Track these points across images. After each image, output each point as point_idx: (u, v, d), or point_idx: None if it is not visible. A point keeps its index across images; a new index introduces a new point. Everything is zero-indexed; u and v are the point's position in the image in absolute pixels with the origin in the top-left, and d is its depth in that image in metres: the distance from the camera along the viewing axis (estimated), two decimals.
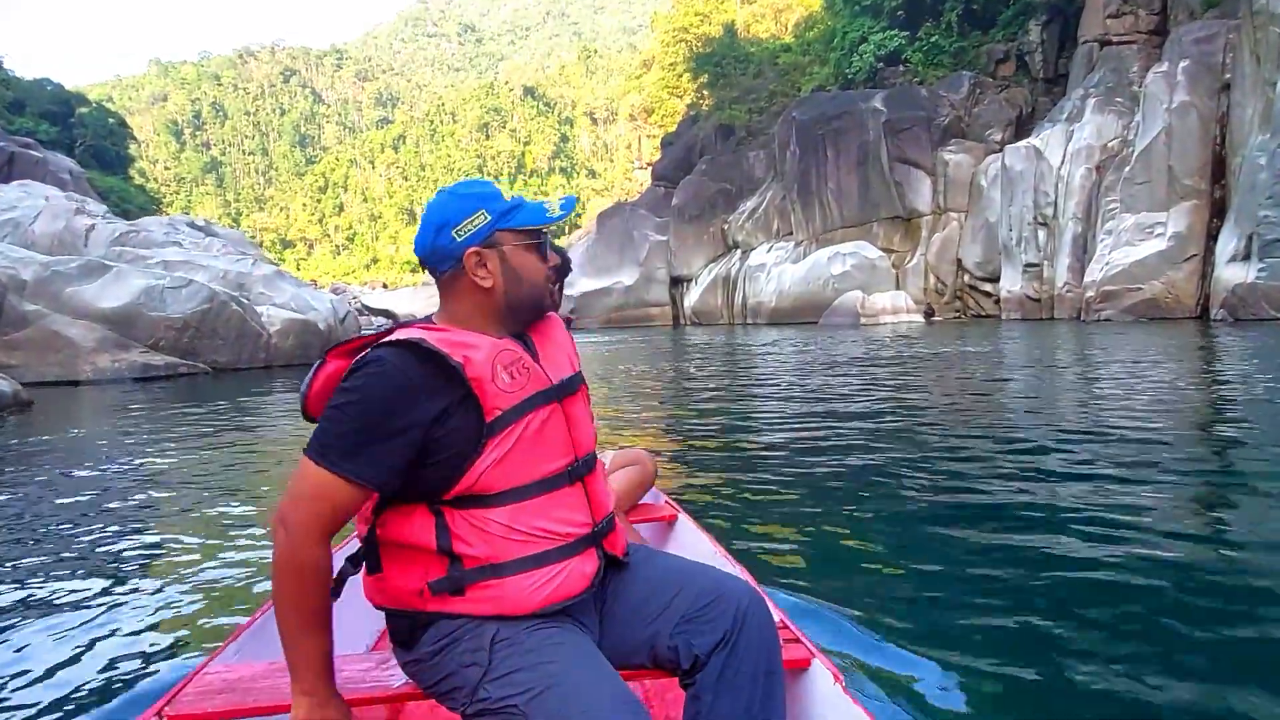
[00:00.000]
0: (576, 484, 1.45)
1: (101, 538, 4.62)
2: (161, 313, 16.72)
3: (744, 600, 1.46)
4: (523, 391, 1.39)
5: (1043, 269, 29.59)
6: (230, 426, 9.66)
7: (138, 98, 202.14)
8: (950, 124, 37.09)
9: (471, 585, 1.36)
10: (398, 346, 1.35)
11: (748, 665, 1.41)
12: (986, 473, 5.36)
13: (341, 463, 1.31)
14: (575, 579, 1.41)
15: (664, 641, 1.44)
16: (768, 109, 50.73)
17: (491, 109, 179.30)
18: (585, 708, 1.22)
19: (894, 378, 12.38)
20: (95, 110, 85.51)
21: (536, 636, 1.35)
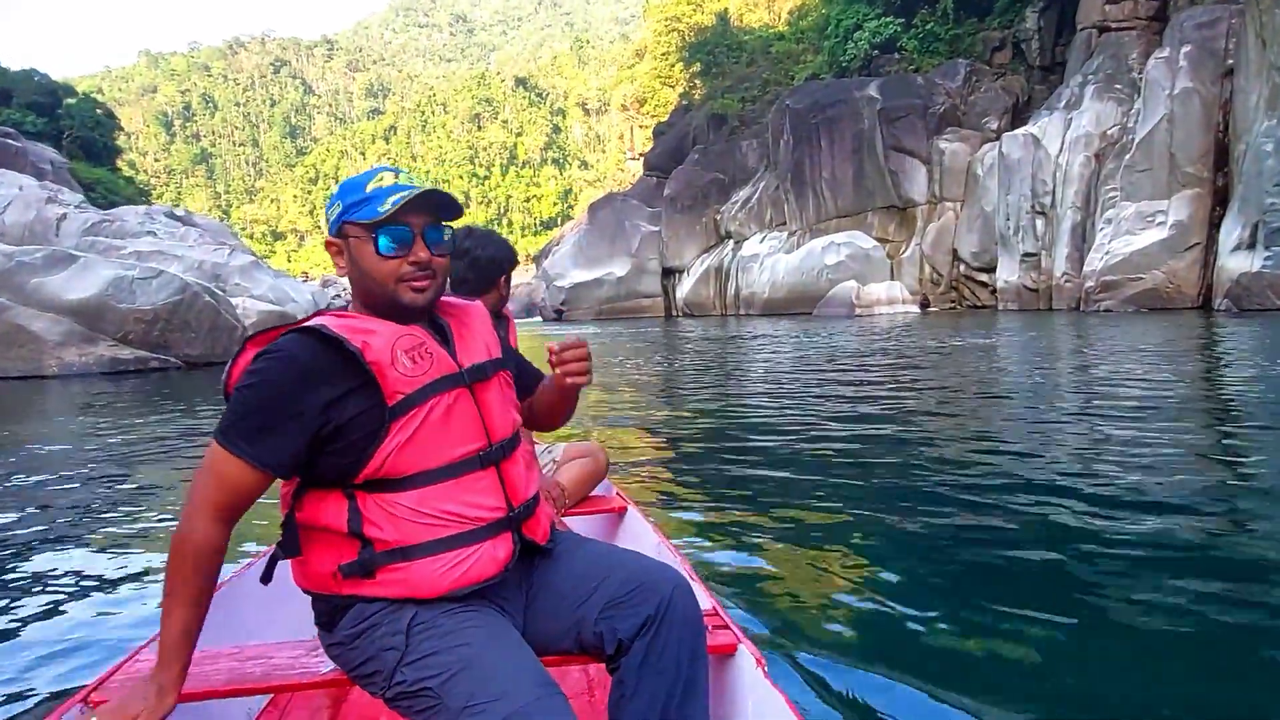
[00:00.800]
0: (490, 469, 1.45)
1: (46, 531, 4.52)
2: (131, 305, 16.04)
3: (668, 586, 1.47)
4: (425, 376, 1.40)
5: (1040, 259, 29.09)
6: (198, 423, 9.15)
7: (127, 89, 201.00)
8: (946, 112, 36.53)
9: (381, 568, 1.37)
10: (300, 333, 1.38)
11: (671, 650, 1.42)
12: (972, 465, 5.27)
13: (240, 444, 1.33)
14: (486, 563, 1.41)
15: (589, 627, 1.46)
16: (761, 98, 50.15)
17: (483, 99, 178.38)
18: (499, 688, 1.23)
19: (890, 369, 11.89)
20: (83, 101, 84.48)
21: (453, 619, 1.35)
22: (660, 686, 1.41)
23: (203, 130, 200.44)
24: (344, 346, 1.36)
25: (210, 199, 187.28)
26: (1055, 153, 28.87)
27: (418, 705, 1.31)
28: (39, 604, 3.34)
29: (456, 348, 1.49)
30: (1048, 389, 9.17)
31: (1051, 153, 28.95)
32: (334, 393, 1.36)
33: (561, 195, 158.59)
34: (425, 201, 1.43)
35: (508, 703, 1.22)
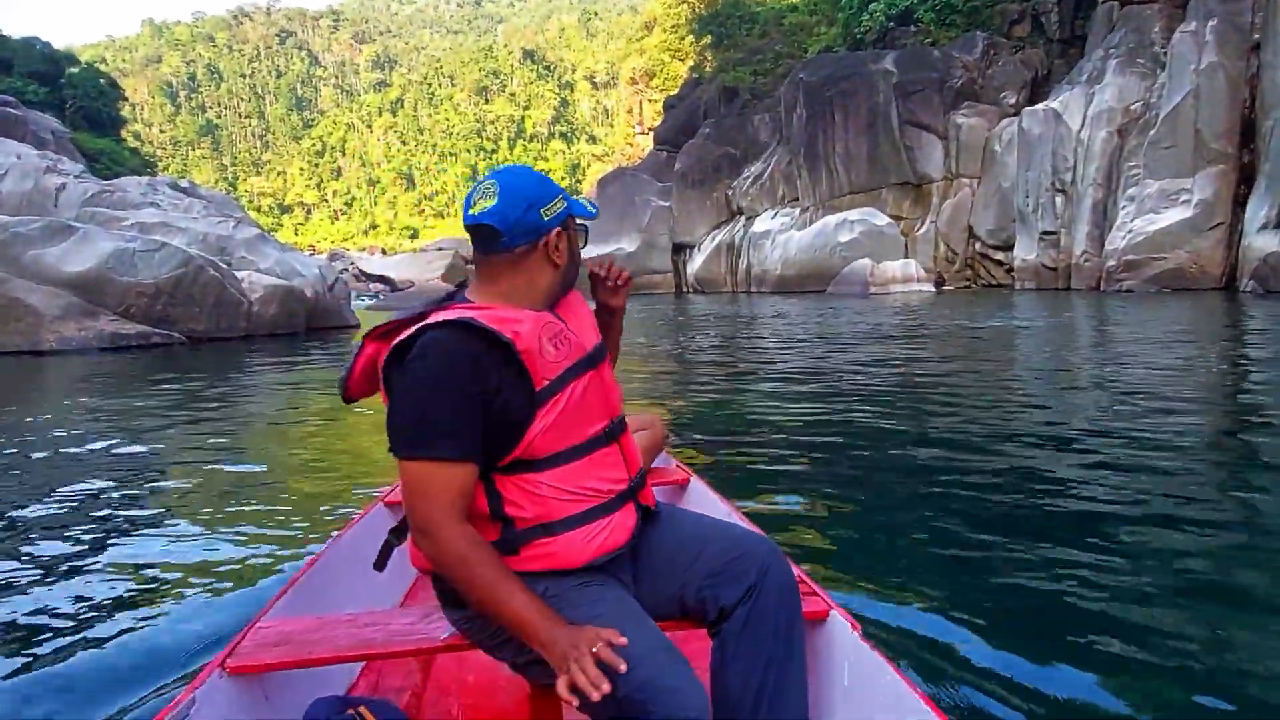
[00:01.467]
0: (613, 444, 1.53)
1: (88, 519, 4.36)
2: (132, 278, 15.56)
3: (765, 555, 1.53)
4: (566, 361, 1.46)
5: (1060, 237, 28.49)
6: (209, 400, 8.86)
7: (131, 59, 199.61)
8: (963, 86, 35.75)
9: (525, 545, 1.44)
10: (451, 327, 1.40)
11: (770, 616, 1.47)
12: (1002, 440, 5.41)
13: (443, 445, 1.36)
14: (619, 532, 1.50)
15: (692, 594, 1.52)
16: (773, 71, 49.27)
17: (490, 72, 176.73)
18: (631, 654, 1.28)
19: (911, 348, 11.53)
20: (85, 70, 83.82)
21: (584, 592, 1.42)
22: (761, 651, 1.47)
23: (208, 102, 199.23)
24: (497, 338, 1.40)
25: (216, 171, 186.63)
26: (1076, 128, 28.19)
27: (550, 671, 1.34)
28: (52, 591, 3.27)
29: (577, 331, 1.55)
30: (1087, 370, 8.78)
31: (1073, 128, 28.26)
32: (491, 383, 1.40)
33: (569, 170, 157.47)
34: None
35: (639, 670, 1.27)
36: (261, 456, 6.00)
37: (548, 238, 1.52)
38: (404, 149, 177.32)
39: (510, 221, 1.48)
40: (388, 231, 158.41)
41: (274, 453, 6.20)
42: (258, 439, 6.84)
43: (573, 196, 1.58)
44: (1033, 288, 28.96)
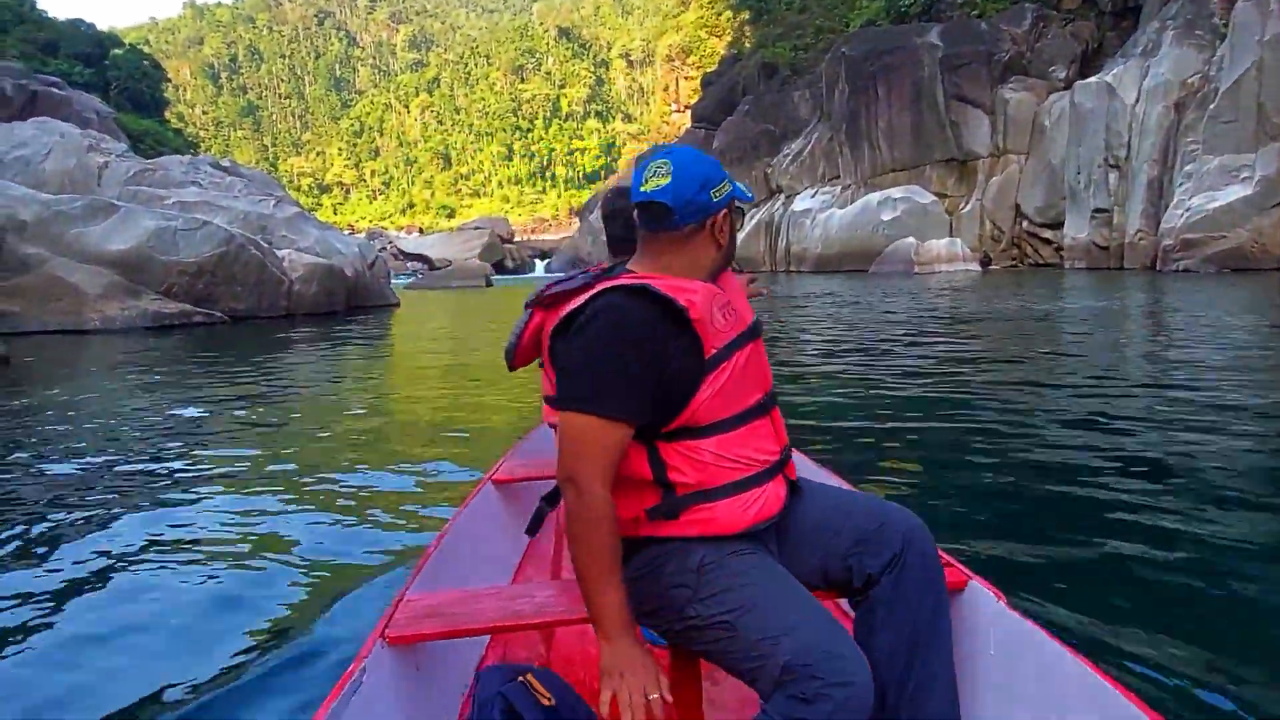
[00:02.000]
0: (767, 416, 1.56)
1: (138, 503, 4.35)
2: (174, 257, 15.60)
3: (909, 524, 1.55)
4: (733, 331, 1.50)
5: (1113, 215, 27.62)
6: (249, 382, 8.82)
7: (174, 41, 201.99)
8: (1011, 60, 34.80)
9: (685, 510, 1.47)
10: (628, 292, 1.44)
11: (916, 583, 1.50)
12: (1088, 421, 5.42)
13: (608, 404, 1.39)
14: (773, 501, 1.53)
15: (836, 563, 1.54)
16: (814, 46, 48.34)
17: (526, 50, 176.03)
18: (789, 622, 1.32)
19: (977, 330, 11.12)
20: (129, 52, 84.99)
21: (739, 560, 1.45)
22: (908, 619, 1.48)
23: (249, 83, 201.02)
24: (673, 304, 1.43)
25: (258, 152, 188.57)
26: (1131, 102, 27.23)
27: (709, 637, 1.41)
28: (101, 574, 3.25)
29: (738, 305, 1.57)
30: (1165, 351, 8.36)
31: (1127, 102, 27.31)
32: (664, 349, 1.43)
33: (604, 148, 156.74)
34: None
35: (800, 635, 1.30)
36: (339, 437, 6.01)
37: (715, 218, 1.54)
38: (440, 128, 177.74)
39: (683, 200, 1.50)
40: (424, 210, 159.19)
41: (348, 432, 6.17)
42: (330, 418, 6.79)
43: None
44: (1083, 267, 28.14)
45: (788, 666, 1.28)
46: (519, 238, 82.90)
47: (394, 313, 20.42)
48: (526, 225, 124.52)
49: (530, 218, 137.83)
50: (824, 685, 1.26)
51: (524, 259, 64.39)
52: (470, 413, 6.85)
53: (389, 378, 9.87)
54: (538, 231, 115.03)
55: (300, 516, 3.92)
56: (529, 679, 1.52)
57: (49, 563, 3.40)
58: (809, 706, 1.26)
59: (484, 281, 41.35)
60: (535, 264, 63.55)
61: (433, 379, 9.17)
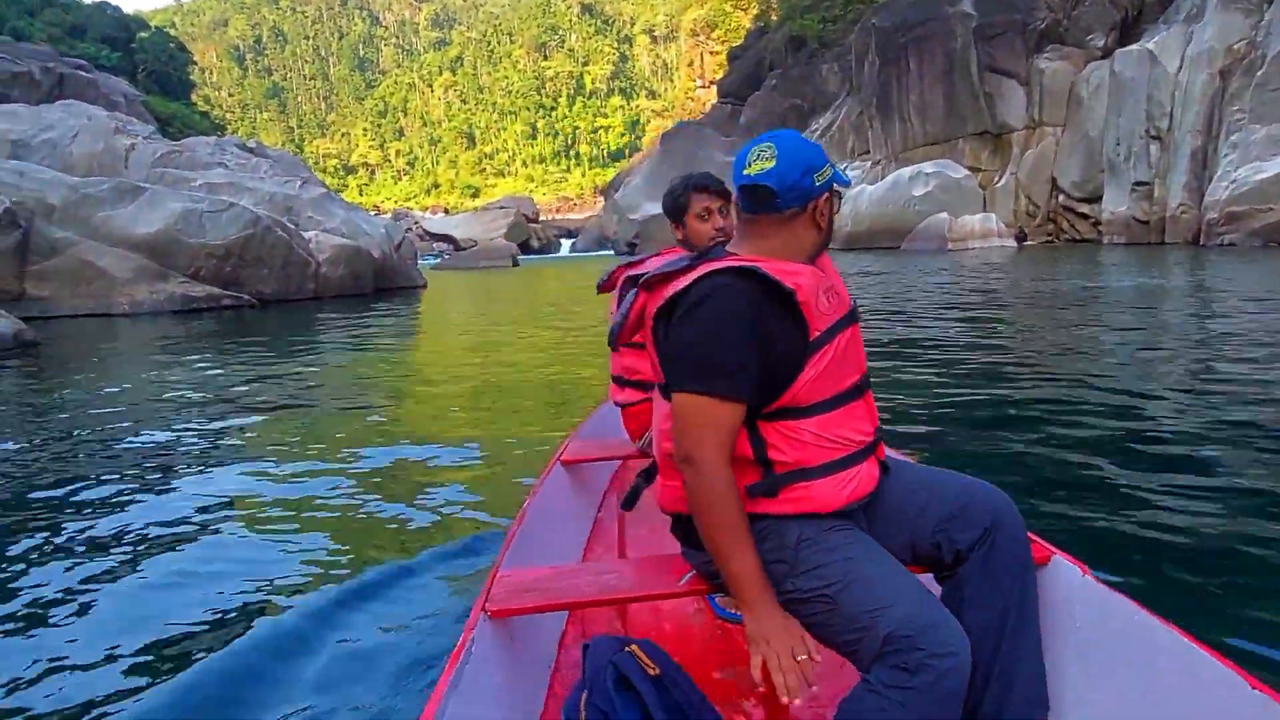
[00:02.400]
0: (862, 398, 1.58)
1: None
2: (201, 239, 15.53)
3: (997, 500, 1.58)
4: (835, 314, 1.51)
5: (1154, 187, 26.80)
6: (279, 366, 8.72)
7: (199, 23, 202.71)
8: (1048, 28, 33.82)
9: (784, 488, 1.49)
10: (735, 274, 1.46)
11: (1006, 559, 1.52)
12: (1147, 400, 5.31)
13: (719, 384, 1.42)
14: (866, 481, 1.55)
15: (925, 540, 1.57)
16: (843, 18, 47.40)
17: (549, 27, 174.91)
18: (889, 596, 1.34)
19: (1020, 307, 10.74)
20: (155, 35, 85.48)
21: (835, 537, 1.47)
22: (997, 595, 1.50)
23: (274, 64, 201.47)
24: (780, 287, 1.44)
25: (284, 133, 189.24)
26: (1174, 70, 26.33)
27: (808, 611, 1.42)
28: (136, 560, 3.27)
29: (838, 289, 1.58)
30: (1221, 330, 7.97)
31: (1169, 70, 26.41)
32: (770, 330, 1.45)
33: (629, 126, 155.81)
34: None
35: (901, 607, 1.32)
36: (387, 418, 6.01)
37: (817, 202, 1.56)
38: (464, 107, 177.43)
39: (787, 184, 1.52)
40: (449, 190, 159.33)
41: (393, 414, 6.20)
42: (371, 400, 6.78)
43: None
44: (1122, 242, 27.38)
45: (889, 638, 1.30)
46: (544, 217, 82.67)
47: (422, 294, 20.29)
48: (551, 204, 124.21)
49: (555, 197, 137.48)
50: (927, 655, 1.28)
51: (549, 238, 64.09)
52: (513, 394, 6.81)
53: (425, 359, 9.84)
54: (562, 210, 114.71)
55: (362, 493, 4.02)
56: (635, 650, 1.55)
57: (139, 544, 3.46)
58: (912, 676, 1.28)
59: (510, 261, 41.12)
60: (561, 243, 63.23)
61: (470, 360, 9.15)
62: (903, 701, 1.28)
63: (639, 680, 1.48)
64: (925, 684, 1.27)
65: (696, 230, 2.41)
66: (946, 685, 1.28)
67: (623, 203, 48.40)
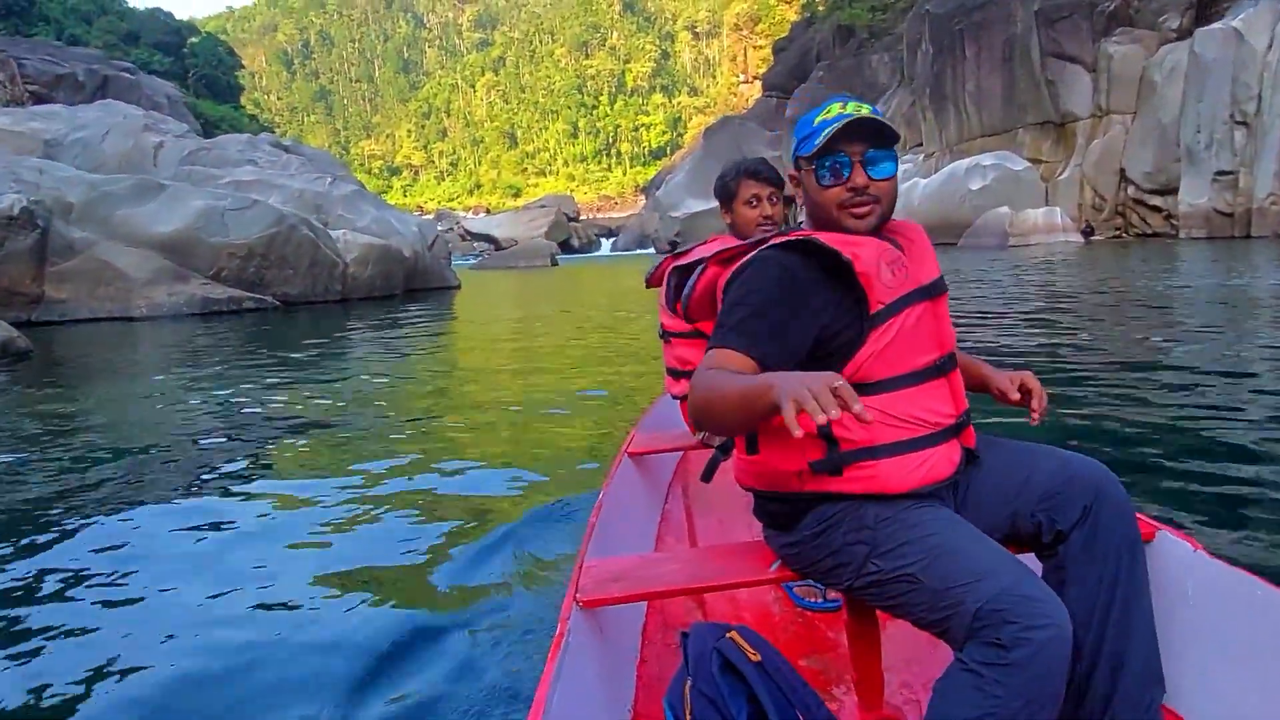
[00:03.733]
0: (943, 378, 1.52)
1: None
2: (223, 238, 14.74)
3: (1098, 475, 1.49)
4: (902, 288, 1.46)
5: (1238, 177, 24.98)
6: (301, 373, 8.10)
7: (249, 29, 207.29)
8: (1117, 10, 32.24)
9: (849, 466, 1.44)
10: (790, 245, 1.48)
11: (1110, 535, 1.46)
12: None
13: (734, 340, 1.41)
14: (942, 464, 1.48)
15: (1025, 518, 1.50)
16: (894, 6, 45.95)
17: (590, 26, 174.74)
18: (979, 569, 1.28)
19: (1097, 307, 9.47)
20: (205, 40, 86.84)
21: (915, 514, 1.42)
22: (1105, 572, 1.43)
23: (321, 68, 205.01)
24: (838, 257, 1.43)
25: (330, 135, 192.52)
26: (1262, 50, 24.49)
27: (893, 591, 1.38)
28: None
29: (911, 263, 1.53)
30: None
31: (1258, 50, 24.56)
32: (824, 300, 1.43)
33: (670, 123, 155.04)
34: (862, 128, 1.46)
35: (992, 581, 1.26)
36: (427, 422, 5.79)
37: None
38: (506, 107, 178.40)
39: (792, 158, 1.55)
40: (491, 190, 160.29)
41: (434, 419, 5.93)
42: (405, 404, 6.51)
43: (821, 123, 1.55)
44: (1202, 236, 25.57)
45: (979, 613, 1.23)
46: (584, 216, 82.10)
47: (455, 295, 19.47)
48: (592, 203, 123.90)
49: (596, 195, 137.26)
50: (1021, 629, 1.20)
51: (590, 237, 63.34)
52: (556, 399, 6.47)
53: (461, 362, 9.44)
54: (603, 209, 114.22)
55: (427, 492, 3.99)
56: (735, 636, 1.52)
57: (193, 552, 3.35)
58: (1007, 652, 1.20)
59: (549, 261, 40.26)
60: (601, 242, 62.46)
61: (508, 364, 8.76)
62: (1000, 679, 1.20)
63: (743, 665, 1.46)
64: (1023, 659, 1.19)
65: (744, 217, 2.39)
66: (1046, 659, 1.19)
67: (664, 200, 47.36)
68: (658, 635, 2.01)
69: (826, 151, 1.47)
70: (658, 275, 2.45)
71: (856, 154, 1.47)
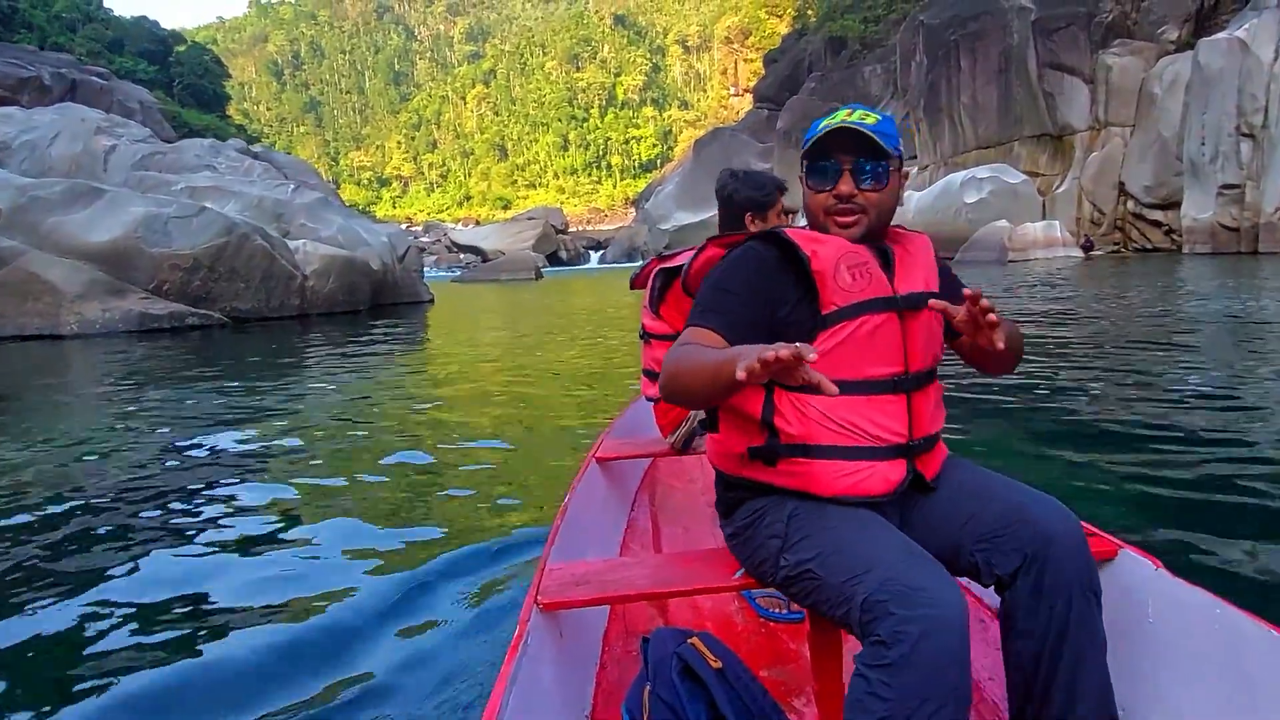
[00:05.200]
0: (900, 395, 1.48)
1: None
2: (165, 248, 13.49)
3: (1049, 522, 1.40)
4: (861, 294, 1.45)
5: (1245, 191, 24.11)
6: (254, 400, 7.09)
7: (240, 39, 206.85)
8: (1115, 21, 31.70)
9: (782, 459, 1.45)
10: (762, 238, 1.52)
11: (1056, 590, 1.37)
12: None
13: (703, 318, 1.46)
14: (877, 480, 1.45)
15: (965, 555, 1.44)
16: (886, 17, 45.28)
17: (581, 39, 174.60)
18: (870, 559, 1.26)
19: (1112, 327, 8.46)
20: (191, 48, 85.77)
21: (832, 510, 1.41)
22: (1049, 627, 1.36)
23: (311, 79, 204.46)
24: (796, 251, 1.45)
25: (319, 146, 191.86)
26: (1269, 60, 23.71)
27: (801, 587, 1.38)
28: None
29: (897, 274, 1.51)
30: None
31: (1264, 60, 23.78)
32: (780, 291, 1.45)
33: (661, 136, 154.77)
34: (856, 137, 1.45)
35: (878, 571, 1.23)
36: (373, 447, 5.33)
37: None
38: (497, 119, 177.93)
39: None
40: (481, 203, 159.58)
41: (426, 429, 5.70)
42: (352, 428, 5.93)
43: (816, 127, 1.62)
44: (1207, 251, 24.68)
45: (865, 604, 1.20)
46: (574, 228, 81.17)
47: (427, 310, 18.38)
48: (582, 216, 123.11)
49: (586, 208, 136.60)
50: (899, 622, 1.15)
51: (579, 250, 62.37)
52: (517, 406, 6.23)
53: (423, 377, 8.63)
54: (593, 222, 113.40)
55: (395, 500, 3.88)
56: (696, 642, 1.51)
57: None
58: (887, 650, 1.15)
59: (534, 273, 39.17)
60: (590, 255, 61.48)
61: (473, 376, 8.24)
62: (887, 680, 1.14)
63: (703, 671, 1.44)
64: (901, 658, 1.13)
65: None
66: (927, 654, 1.13)
67: (654, 212, 46.43)
68: (619, 641, 2.00)
69: (819, 156, 1.48)
70: (643, 277, 2.50)
71: (847, 162, 1.47)
